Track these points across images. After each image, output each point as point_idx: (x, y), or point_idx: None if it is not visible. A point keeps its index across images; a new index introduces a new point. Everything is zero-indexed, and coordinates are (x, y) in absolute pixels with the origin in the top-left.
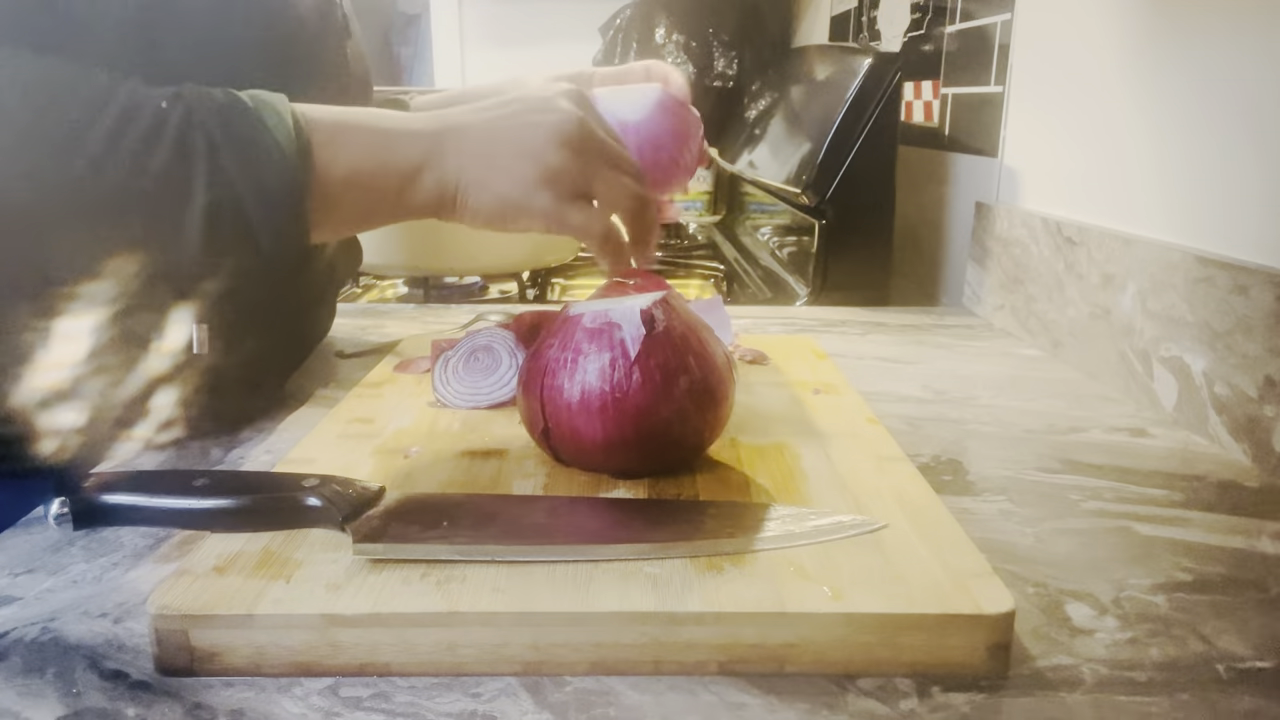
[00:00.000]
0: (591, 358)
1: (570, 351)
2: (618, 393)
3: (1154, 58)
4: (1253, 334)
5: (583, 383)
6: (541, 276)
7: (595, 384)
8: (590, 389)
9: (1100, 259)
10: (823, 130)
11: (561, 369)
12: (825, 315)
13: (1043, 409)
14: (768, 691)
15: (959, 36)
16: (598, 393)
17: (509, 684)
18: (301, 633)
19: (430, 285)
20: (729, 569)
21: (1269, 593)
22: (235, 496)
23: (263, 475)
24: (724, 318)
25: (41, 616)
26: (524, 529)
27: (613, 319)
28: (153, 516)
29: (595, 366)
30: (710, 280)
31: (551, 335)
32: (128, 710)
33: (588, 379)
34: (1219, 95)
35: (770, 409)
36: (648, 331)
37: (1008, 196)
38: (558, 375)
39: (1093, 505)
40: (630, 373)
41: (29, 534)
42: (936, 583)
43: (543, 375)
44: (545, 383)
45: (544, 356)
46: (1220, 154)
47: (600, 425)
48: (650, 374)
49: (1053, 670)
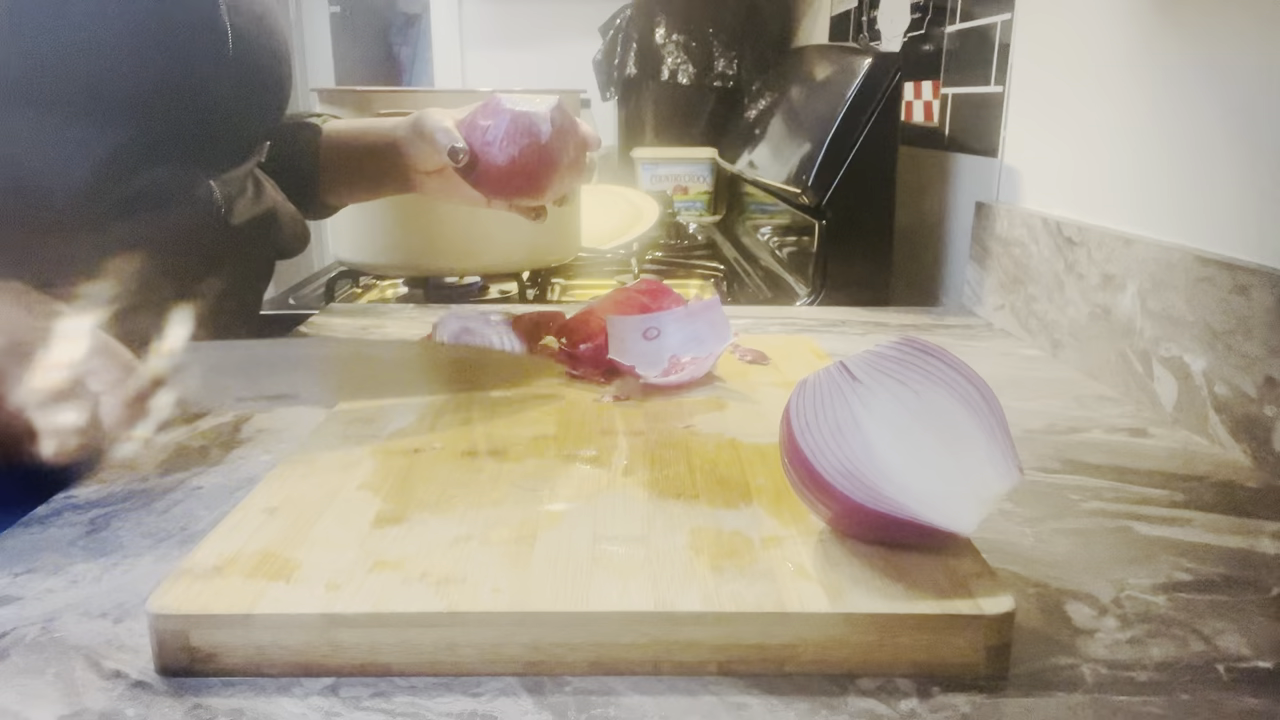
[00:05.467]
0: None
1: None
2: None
3: (1154, 57)
4: (1253, 334)
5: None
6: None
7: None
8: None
9: (1100, 259)
10: (823, 130)
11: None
12: (825, 315)
13: (1043, 409)
14: (768, 691)
15: (959, 36)
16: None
17: (509, 684)
18: (301, 633)
19: (430, 285)
20: (729, 569)
21: (1269, 593)
22: None
23: None
24: (722, 318)
25: (41, 616)
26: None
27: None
28: None
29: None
30: (710, 280)
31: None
32: (128, 710)
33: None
34: (1219, 95)
35: (770, 409)
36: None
37: (1008, 196)
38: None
39: (1092, 505)
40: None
41: (29, 534)
42: (936, 583)
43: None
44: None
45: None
46: (1220, 154)
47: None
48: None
49: (1053, 670)
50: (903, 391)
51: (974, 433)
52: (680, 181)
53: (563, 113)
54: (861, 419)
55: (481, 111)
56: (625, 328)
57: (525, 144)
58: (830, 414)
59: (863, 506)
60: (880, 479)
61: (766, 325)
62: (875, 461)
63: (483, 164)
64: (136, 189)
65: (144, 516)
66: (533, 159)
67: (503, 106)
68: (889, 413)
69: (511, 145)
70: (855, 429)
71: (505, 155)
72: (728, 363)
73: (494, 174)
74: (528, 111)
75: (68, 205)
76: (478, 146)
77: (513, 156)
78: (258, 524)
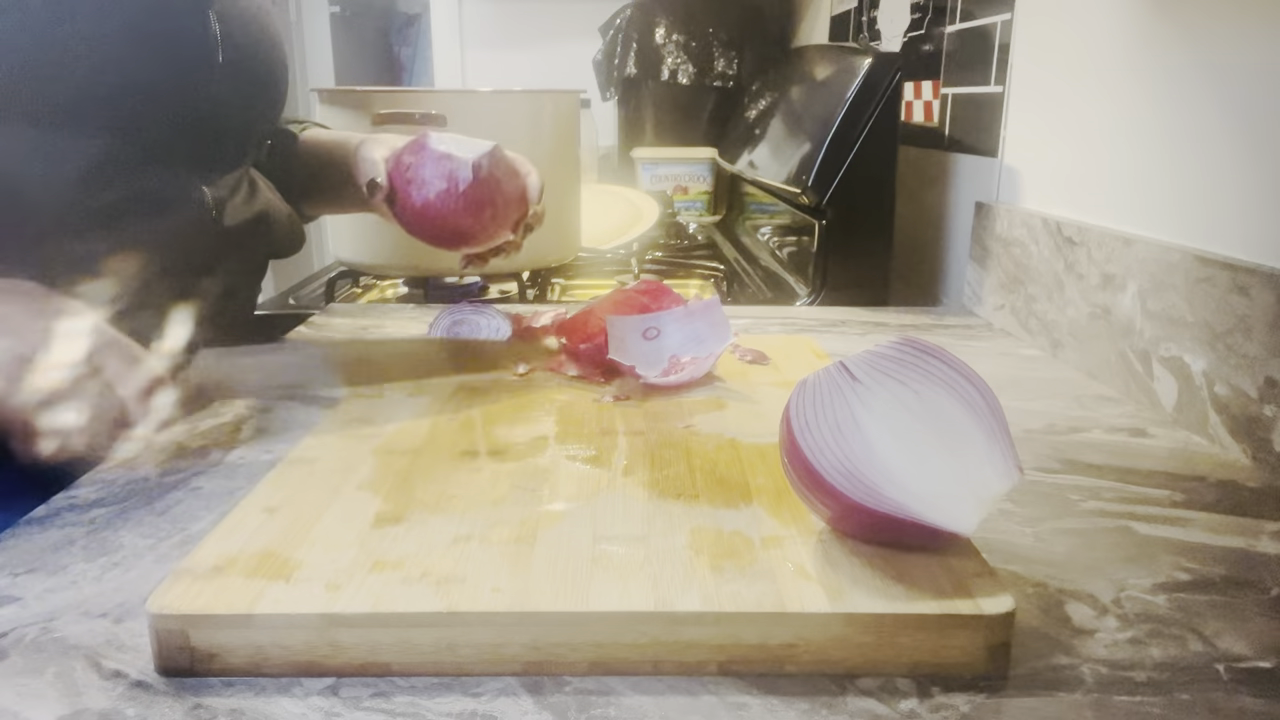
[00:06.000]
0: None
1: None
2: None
3: (1154, 57)
4: (1253, 334)
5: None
6: (541, 276)
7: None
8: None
9: (1100, 259)
10: (823, 130)
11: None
12: (825, 315)
13: (1043, 409)
14: (768, 691)
15: (959, 36)
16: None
17: (509, 684)
18: (301, 633)
19: (430, 285)
20: (729, 569)
21: (1269, 593)
22: None
23: None
24: (722, 318)
25: (41, 616)
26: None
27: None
28: None
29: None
30: (710, 280)
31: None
32: (128, 710)
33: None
34: (1219, 95)
35: (770, 409)
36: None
37: (1008, 196)
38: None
39: (1092, 505)
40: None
41: (29, 534)
42: (936, 583)
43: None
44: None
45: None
46: (1220, 154)
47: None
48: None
49: (1053, 670)
50: (903, 391)
51: (974, 433)
52: (680, 181)
53: (494, 161)
54: (861, 419)
55: (408, 148)
56: (625, 328)
57: (441, 189)
58: (830, 414)
59: (863, 506)
60: (880, 479)
61: (766, 325)
62: (875, 461)
63: (399, 203)
64: (126, 196)
65: (144, 516)
66: (448, 205)
67: (426, 146)
68: (889, 413)
69: (426, 188)
70: (855, 429)
71: (420, 197)
72: (728, 363)
73: (408, 215)
74: (449, 154)
75: (57, 212)
76: (398, 183)
77: (427, 199)
78: (258, 524)
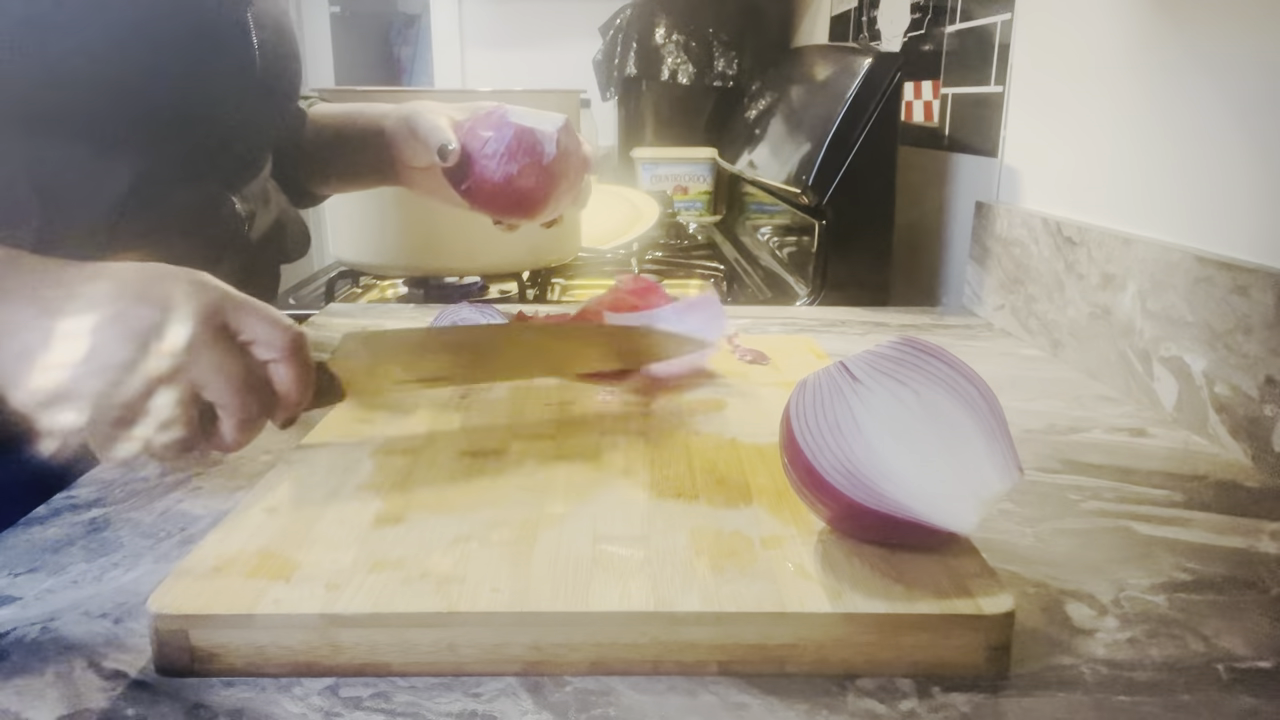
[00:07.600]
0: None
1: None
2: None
3: (1154, 58)
4: (1253, 334)
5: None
6: (541, 276)
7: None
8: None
9: (1100, 259)
10: (823, 130)
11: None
12: (825, 315)
13: (1043, 409)
14: (768, 691)
15: (959, 36)
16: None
17: (509, 684)
18: (301, 633)
19: (430, 285)
20: (729, 569)
21: (1269, 593)
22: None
23: None
24: (718, 310)
25: (41, 616)
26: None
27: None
28: None
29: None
30: (710, 280)
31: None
32: (128, 710)
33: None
34: (1219, 95)
35: (770, 409)
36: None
37: (1008, 196)
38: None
39: (1092, 505)
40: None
41: (29, 534)
42: (936, 583)
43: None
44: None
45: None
46: (1220, 154)
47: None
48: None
49: (1053, 670)
50: (902, 391)
51: (974, 433)
52: (680, 181)
53: (569, 134)
54: (861, 419)
55: (484, 121)
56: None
57: (526, 163)
58: (830, 414)
59: (863, 506)
60: (880, 479)
61: (766, 325)
62: (875, 461)
63: (476, 176)
64: (163, 213)
65: (144, 516)
66: (531, 179)
67: (507, 120)
68: (889, 413)
69: (511, 162)
70: (855, 429)
71: (503, 171)
72: (728, 363)
73: (487, 188)
74: (534, 129)
75: (97, 234)
76: (475, 157)
77: (510, 174)
78: (258, 524)
